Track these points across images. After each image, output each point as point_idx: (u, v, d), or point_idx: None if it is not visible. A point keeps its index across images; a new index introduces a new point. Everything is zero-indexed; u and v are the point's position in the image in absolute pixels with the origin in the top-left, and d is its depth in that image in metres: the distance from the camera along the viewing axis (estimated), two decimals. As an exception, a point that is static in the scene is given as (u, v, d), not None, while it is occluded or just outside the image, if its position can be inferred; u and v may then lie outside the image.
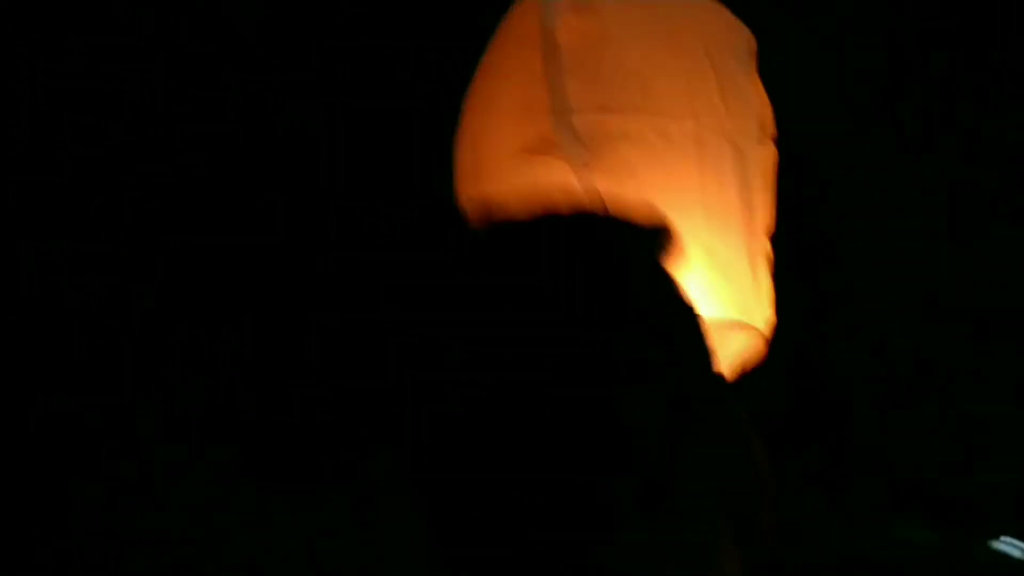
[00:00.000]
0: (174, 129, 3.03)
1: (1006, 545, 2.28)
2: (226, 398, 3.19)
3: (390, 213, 3.10)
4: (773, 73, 1.39)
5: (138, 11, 2.93)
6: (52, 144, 2.99)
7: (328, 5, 2.96)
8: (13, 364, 3.12)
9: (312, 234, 3.15)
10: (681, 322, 1.07)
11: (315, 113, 3.06)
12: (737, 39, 1.30)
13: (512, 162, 1.25)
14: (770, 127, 1.33)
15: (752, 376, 1.35)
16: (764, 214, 1.29)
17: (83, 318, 3.13)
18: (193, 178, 3.08)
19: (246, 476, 3.14)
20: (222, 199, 3.12)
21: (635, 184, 1.17)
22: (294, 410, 3.18)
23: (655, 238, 1.08)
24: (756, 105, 1.30)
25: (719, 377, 1.13)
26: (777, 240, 1.35)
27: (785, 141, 1.38)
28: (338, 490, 3.17)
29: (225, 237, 3.13)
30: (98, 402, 3.14)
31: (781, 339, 1.34)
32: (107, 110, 2.98)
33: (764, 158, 1.29)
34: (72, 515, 3.11)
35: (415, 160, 3.03)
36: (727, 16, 1.32)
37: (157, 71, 3.00)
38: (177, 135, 3.04)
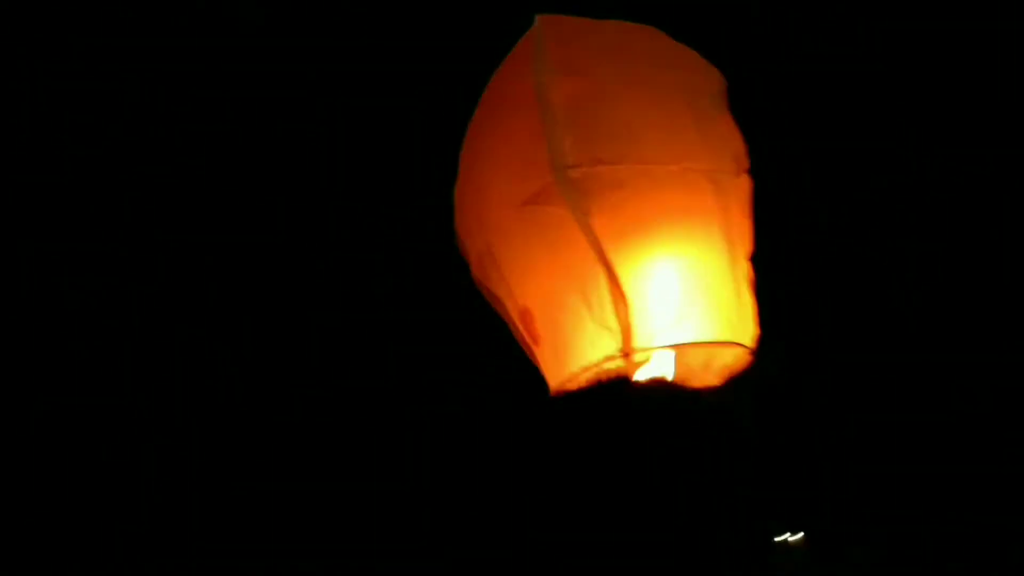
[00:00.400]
0: (174, 129, 3.02)
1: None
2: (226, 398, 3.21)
3: (390, 213, 3.10)
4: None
5: (138, 11, 2.92)
6: (52, 144, 2.99)
7: (328, 6, 2.95)
8: (13, 364, 3.12)
9: (312, 234, 3.15)
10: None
11: (315, 113, 3.05)
12: (710, 82, 1.47)
13: (516, 213, 1.40)
14: (744, 160, 1.49)
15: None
16: (744, 240, 1.44)
17: (83, 318, 3.13)
18: (193, 178, 3.07)
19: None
20: (222, 199, 3.11)
21: (628, 225, 1.31)
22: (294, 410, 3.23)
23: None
24: (731, 141, 1.47)
25: None
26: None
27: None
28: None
29: (225, 237, 3.13)
30: (98, 402, 3.13)
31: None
32: (107, 110, 2.98)
33: (740, 188, 1.45)
34: (71, 515, 3.13)
35: (415, 160, 3.03)
36: (700, 62, 1.48)
37: (157, 71, 2.98)
38: (177, 135, 3.03)
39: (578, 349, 1.35)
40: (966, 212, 3.08)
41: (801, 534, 1.99)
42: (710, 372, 1.42)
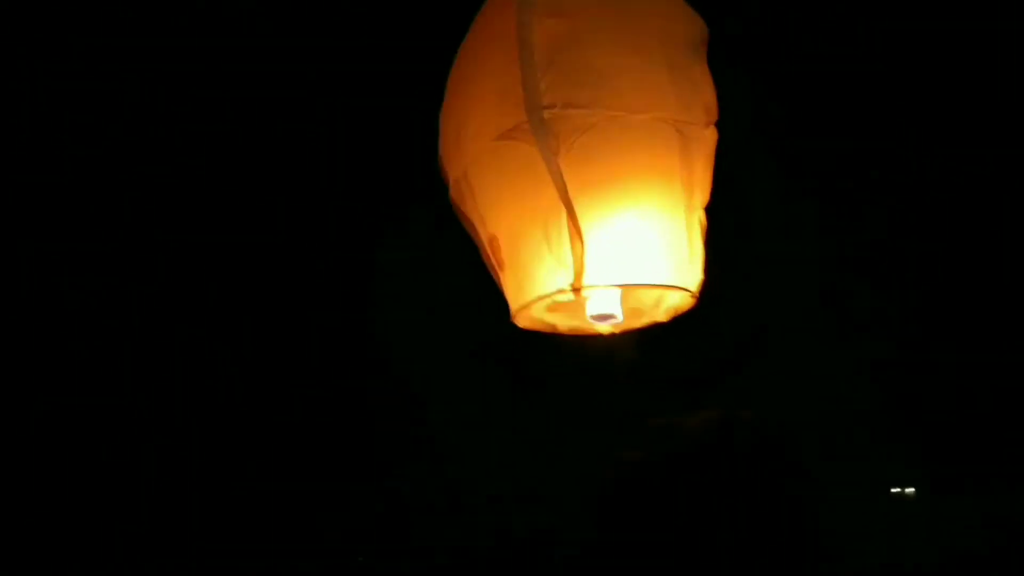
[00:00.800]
0: (174, 129, 3.00)
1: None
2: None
3: (390, 213, 3.10)
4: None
5: (138, 11, 2.91)
6: (52, 144, 2.97)
7: (328, 6, 2.94)
8: (13, 364, 3.12)
9: (312, 234, 3.15)
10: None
11: (315, 113, 3.04)
12: (691, 30, 1.46)
13: (491, 146, 1.44)
14: (714, 112, 1.50)
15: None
16: (702, 190, 1.47)
17: (83, 318, 3.13)
18: (193, 178, 3.06)
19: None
20: (222, 199, 3.10)
21: (594, 169, 1.37)
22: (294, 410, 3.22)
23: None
24: (704, 93, 1.47)
25: None
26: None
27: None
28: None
29: (225, 237, 3.13)
30: (98, 402, 3.14)
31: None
32: (107, 110, 2.96)
33: (707, 140, 1.46)
34: (71, 515, 3.12)
35: (415, 160, 3.02)
36: (685, 10, 1.48)
37: (157, 71, 2.96)
38: (177, 135, 3.01)
39: (535, 280, 1.42)
40: (967, 212, 3.07)
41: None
42: (659, 310, 1.51)
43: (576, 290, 1.40)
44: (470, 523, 3.20)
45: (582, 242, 1.37)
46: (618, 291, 1.46)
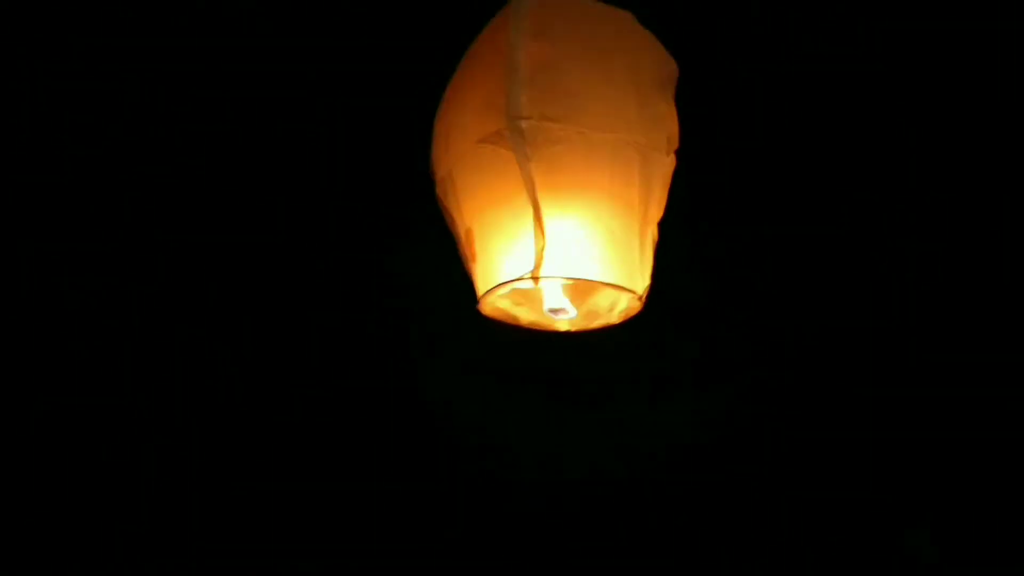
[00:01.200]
0: (174, 129, 3.01)
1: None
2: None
3: (390, 213, 3.11)
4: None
5: (138, 11, 2.92)
6: (52, 144, 2.98)
7: (328, 6, 2.95)
8: (13, 364, 3.12)
9: (312, 234, 3.15)
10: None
11: (315, 113, 3.04)
12: (662, 70, 1.71)
13: (473, 148, 1.65)
14: (675, 142, 1.73)
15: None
16: (657, 207, 1.69)
17: (83, 318, 3.13)
18: (193, 178, 3.07)
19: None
20: (222, 199, 3.11)
21: (561, 176, 1.59)
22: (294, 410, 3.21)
23: None
24: (667, 125, 1.71)
25: None
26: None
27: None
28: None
29: (225, 237, 3.13)
30: (98, 402, 3.14)
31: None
32: (107, 110, 2.97)
33: (665, 165, 1.70)
34: (71, 515, 3.14)
35: (415, 160, 3.03)
36: (657, 48, 1.73)
37: (157, 71, 2.96)
38: (177, 135, 3.02)
39: (501, 269, 1.64)
40: (966, 212, 3.09)
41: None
42: (612, 314, 1.76)
43: (535, 278, 1.60)
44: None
45: (544, 238, 1.57)
46: (568, 285, 1.71)
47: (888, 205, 3.00)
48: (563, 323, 1.81)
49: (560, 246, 1.60)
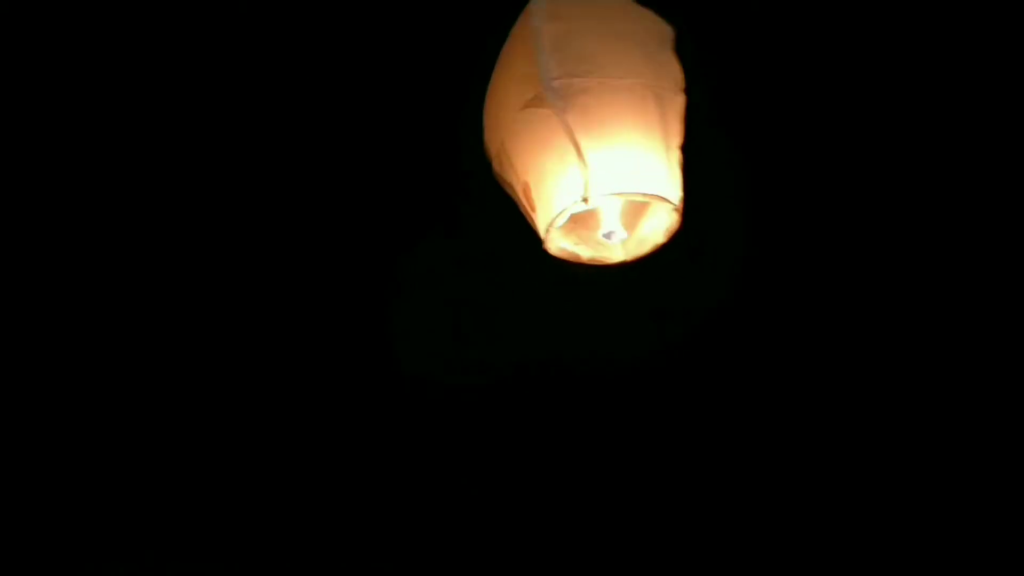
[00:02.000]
0: (174, 129, 3.00)
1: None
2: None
3: (391, 213, 3.11)
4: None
5: (138, 12, 2.88)
6: (52, 144, 2.97)
7: (332, 6, 2.95)
8: (13, 364, 3.14)
9: (312, 234, 3.15)
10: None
11: (315, 114, 3.02)
12: (660, 30, 2.04)
13: (519, 115, 1.98)
14: (681, 82, 2.03)
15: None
16: (677, 134, 2.00)
17: (83, 318, 3.15)
18: (193, 178, 3.07)
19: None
20: (222, 199, 3.11)
21: (592, 118, 1.90)
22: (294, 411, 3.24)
23: None
24: (672, 70, 2.02)
25: None
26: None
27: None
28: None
29: (225, 237, 3.14)
30: (99, 402, 3.18)
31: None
32: (107, 110, 2.96)
33: (677, 101, 2.02)
34: (71, 515, 3.17)
35: (416, 161, 3.04)
36: (653, 17, 2.05)
37: (157, 71, 2.93)
38: (177, 135, 3.01)
39: (557, 204, 1.95)
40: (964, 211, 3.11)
41: None
42: (659, 232, 2.04)
43: (584, 200, 1.90)
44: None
45: (587, 168, 1.88)
46: (619, 203, 1.97)
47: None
48: (619, 251, 2.05)
49: (602, 172, 1.90)
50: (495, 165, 2.06)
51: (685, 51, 2.04)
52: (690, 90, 2.03)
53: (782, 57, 2.83)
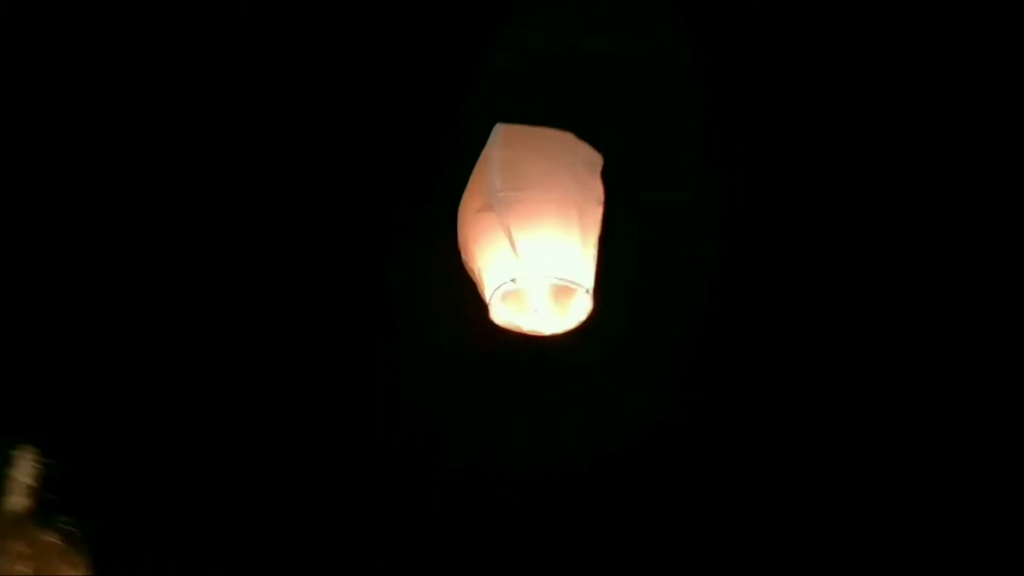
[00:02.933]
0: (174, 129, 2.98)
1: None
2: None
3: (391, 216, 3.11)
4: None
5: (139, 12, 2.83)
6: (52, 144, 2.96)
7: (333, 10, 2.88)
8: (13, 363, 3.10)
9: (312, 234, 3.14)
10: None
11: (315, 114, 3.01)
12: (590, 159, 2.52)
13: (475, 217, 2.49)
14: (601, 198, 2.49)
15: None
16: (593, 236, 2.47)
17: (84, 318, 3.14)
18: (193, 178, 3.05)
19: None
20: (222, 198, 3.10)
21: (525, 222, 2.40)
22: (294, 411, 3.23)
23: None
24: (596, 189, 2.50)
25: None
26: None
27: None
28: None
29: (225, 237, 3.13)
30: (99, 402, 3.16)
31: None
32: (107, 110, 2.94)
33: (596, 212, 2.49)
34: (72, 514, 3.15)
35: (416, 163, 3.05)
36: (586, 148, 2.52)
37: (157, 71, 2.91)
38: (177, 135, 2.99)
39: (496, 280, 2.46)
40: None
41: None
42: (580, 312, 2.49)
43: (513, 280, 2.43)
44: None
45: (518, 257, 2.40)
46: (543, 285, 2.45)
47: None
48: (550, 326, 2.53)
49: (529, 261, 2.42)
50: (461, 254, 2.55)
51: (609, 173, 2.52)
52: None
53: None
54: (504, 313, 2.50)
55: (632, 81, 2.74)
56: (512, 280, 2.40)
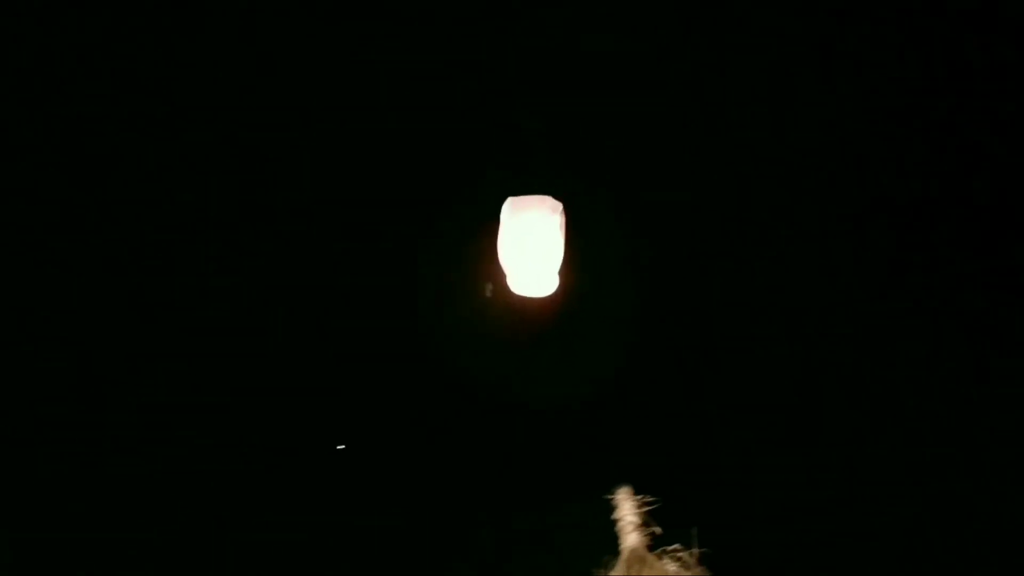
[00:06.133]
0: (173, 129, 3.00)
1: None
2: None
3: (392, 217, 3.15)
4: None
5: (138, 12, 2.84)
6: (52, 144, 2.98)
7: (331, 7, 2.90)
8: (13, 364, 3.14)
9: (312, 234, 3.17)
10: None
11: (315, 115, 3.03)
12: (553, 208, 2.98)
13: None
14: (561, 224, 2.98)
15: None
16: (559, 245, 2.98)
17: (84, 318, 3.15)
18: (193, 178, 3.07)
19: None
20: (221, 198, 3.12)
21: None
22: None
23: None
24: (558, 220, 2.99)
25: None
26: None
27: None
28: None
29: (225, 237, 3.15)
30: (99, 402, 3.18)
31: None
32: (107, 110, 2.95)
33: (558, 233, 2.98)
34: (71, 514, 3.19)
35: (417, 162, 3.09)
36: (550, 200, 2.99)
37: (157, 71, 2.93)
38: (176, 135, 3.01)
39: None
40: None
41: None
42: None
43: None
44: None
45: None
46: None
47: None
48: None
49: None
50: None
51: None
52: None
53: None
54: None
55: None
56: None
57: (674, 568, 2.37)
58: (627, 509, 2.43)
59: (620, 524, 2.40)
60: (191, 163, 3.04)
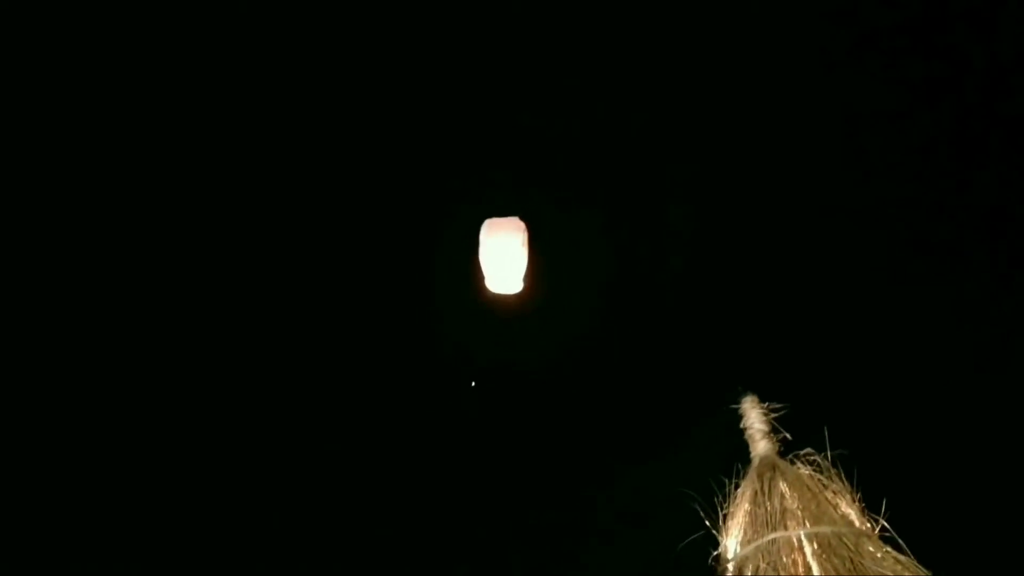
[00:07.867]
0: (173, 129, 3.02)
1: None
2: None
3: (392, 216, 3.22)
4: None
5: (138, 11, 2.90)
6: (52, 144, 2.99)
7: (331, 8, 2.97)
8: (13, 364, 3.13)
9: (312, 235, 3.20)
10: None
11: (315, 115, 3.07)
12: (517, 227, 3.46)
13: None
14: (525, 250, 3.43)
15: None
16: (522, 253, 3.47)
17: (84, 318, 3.15)
18: (193, 178, 3.09)
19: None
20: (222, 198, 3.14)
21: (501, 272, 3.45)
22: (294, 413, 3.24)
23: None
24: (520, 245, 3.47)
25: None
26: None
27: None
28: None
29: (225, 237, 3.16)
30: (100, 402, 3.17)
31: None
32: (107, 110, 2.98)
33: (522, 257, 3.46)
34: (72, 514, 3.16)
35: (416, 164, 3.16)
36: (516, 220, 3.46)
37: (157, 71, 2.97)
38: (176, 134, 3.03)
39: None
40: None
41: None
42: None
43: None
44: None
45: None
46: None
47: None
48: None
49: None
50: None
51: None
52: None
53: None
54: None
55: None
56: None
57: (808, 472, 2.41)
58: (754, 417, 2.51)
59: (748, 433, 2.49)
60: (191, 163, 3.05)
